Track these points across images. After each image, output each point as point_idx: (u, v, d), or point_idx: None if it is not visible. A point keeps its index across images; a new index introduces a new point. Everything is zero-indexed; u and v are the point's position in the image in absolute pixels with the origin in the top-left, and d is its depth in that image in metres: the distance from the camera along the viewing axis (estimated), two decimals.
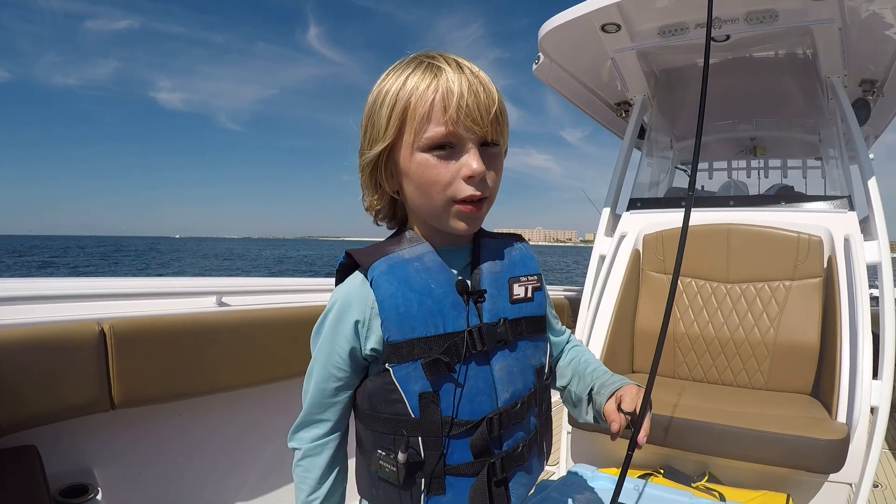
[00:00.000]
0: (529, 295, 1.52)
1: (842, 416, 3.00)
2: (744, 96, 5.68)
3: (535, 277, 1.55)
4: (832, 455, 2.77)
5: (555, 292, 6.70)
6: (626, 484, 2.55)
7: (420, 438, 1.36)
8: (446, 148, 1.33)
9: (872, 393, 3.04)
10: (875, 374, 3.10)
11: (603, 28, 4.36)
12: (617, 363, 3.89)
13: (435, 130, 1.30)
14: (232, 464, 3.08)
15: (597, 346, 3.80)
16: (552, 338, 1.71)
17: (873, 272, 3.53)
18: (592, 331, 3.88)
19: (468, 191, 1.34)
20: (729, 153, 6.88)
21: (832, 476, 2.95)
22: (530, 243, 1.69)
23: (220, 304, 3.25)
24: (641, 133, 5.57)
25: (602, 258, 4.32)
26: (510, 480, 1.44)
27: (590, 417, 1.61)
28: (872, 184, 3.81)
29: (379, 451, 1.39)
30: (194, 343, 2.87)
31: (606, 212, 4.61)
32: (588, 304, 4.08)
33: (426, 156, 1.33)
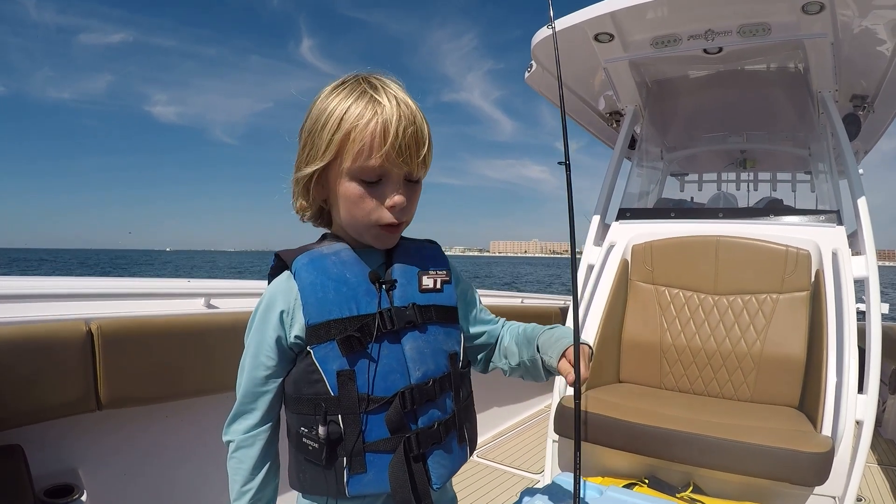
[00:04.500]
0: (439, 286, 1.67)
1: (827, 430, 3.01)
2: (735, 109, 5.70)
3: (444, 272, 1.70)
4: (816, 468, 2.78)
5: (542, 301, 6.71)
6: (610, 493, 2.55)
7: (340, 416, 1.47)
8: (375, 180, 1.49)
9: (858, 407, 3.05)
10: (860, 389, 3.11)
11: (596, 37, 4.37)
12: (603, 372, 3.89)
13: (368, 163, 1.45)
14: (219, 468, 3.07)
15: None
16: (486, 328, 1.91)
17: (860, 287, 3.54)
18: (579, 340, 3.88)
19: (389, 219, 1.52)
20: (719, 165, 6.90)
21: (816, 489, 2.95)
22: (527, 255, 1.76)
23: (209, 306, 3.24)
24: (632, 143, 5.58)
25: (590, 268, 4.32)
26: (429, 458, 1.55)
27: (544, 375, 1.80)
28: (861, 199, 3.83)
29: (302, 429, 1.51)
30: (182, 345, 2.87)
31: (596, 221, 4.61)
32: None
33: (356, 185, 1.49)
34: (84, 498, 2.50)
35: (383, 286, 1.56)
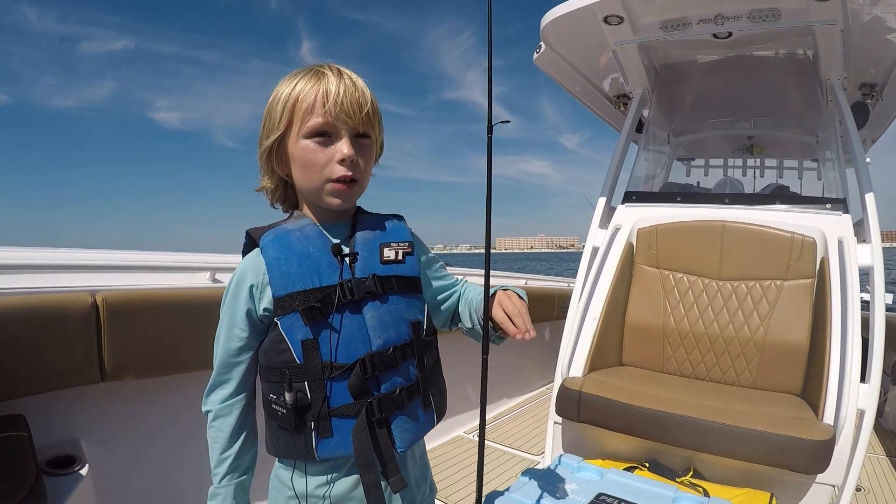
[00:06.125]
0: (400, 258, 1.73)
1: (828, 418, 3.01)
2: (743, 94, 5.68)
3: (407, 244, 1.77)
4: (817, 456, 2.79)
5: (546, 283, 6.72)
6: (610, 475, 2.56)
7: (306, 383, 1.55)
8: (324, 136, 1.60)
9: (860, 396, 3.05)
10: (863, 378, 3.12)
11: (605, 20, 4.35)
12: (606, 355, 3.90)
13: (315, 120, 1.58)
14: None
15: (586, 338, 3.81)
16: (448, 291, 1.99)
17: (865, 276, 3.54)
18: (583, 323, 3.89)
19: (341, 171, 1.60)
20: (726, 150, 6.88)
21: (816, 477, 2.97)
22: (534, 251, 1.80)
23: (214, 280, 3.25)
24: (639, 127, 5.57)
25: (595, 250, 4.32)
26: (392, 422, 1.63)
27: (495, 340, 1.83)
28: (868, 187, 3.82)
29: (271, 396, 1.60)
30: (187, 318, 2.88)
31: (601, 204, 4.61)
32: (580, 295, 4.08)
33: (308, 142, 1.60)
34: (85, 470, 2.51)
35: (345, 259, 1.63)
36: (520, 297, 1.76)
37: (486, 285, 1.73)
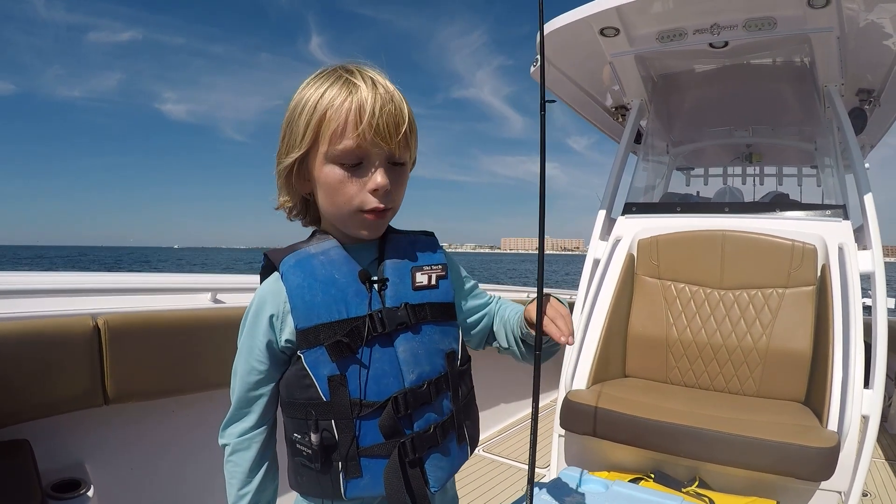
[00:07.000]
0: (433, 282, 1.60)
1: (833, 425, 3.00)
2: (741, 103, 5.69)
3: (440, 267, 1.64)
4: (822, 463, 2.78)
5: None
6: (616, 487, 2.55)
7: (333, 421, 1.44)
8: (355, 162, 1.45)
9: (864, 402, 3.04)
10: (866, 384, 3.11)
11: (602, 32, 4.36)
12: (609, 367, 3.89)
13: (345, 144, 1.42)
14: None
15: (589, 350, 3.80)
16: (483, 310, 1.85)
17: (866, 281, 3.54)
18: (585, 335, 3.88)
19: (373, 203, 1.47)
20: (725, 159, 6.88)
21: (822, 484, 2.95)
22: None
23: (215, 300, 3.25)
24: (638, 138, 5.57)
25: (596, 262, 4.31)
26: (426, 461, 1.51)
27: (528, 352, 1.72)
28: (867, 193, 3.82)
29: (295, 435, 1.49)
30: (189, 340, 2.88)
31: (602, 215, 4.61)
32: (581, 308, 4.07)
33: (336, 168, 1.45)
34: (91, 493, 2.50)
35: (374, 285, 1.51)
36: (560, 301, 1.60)
37: (540, 284, 1.57)
